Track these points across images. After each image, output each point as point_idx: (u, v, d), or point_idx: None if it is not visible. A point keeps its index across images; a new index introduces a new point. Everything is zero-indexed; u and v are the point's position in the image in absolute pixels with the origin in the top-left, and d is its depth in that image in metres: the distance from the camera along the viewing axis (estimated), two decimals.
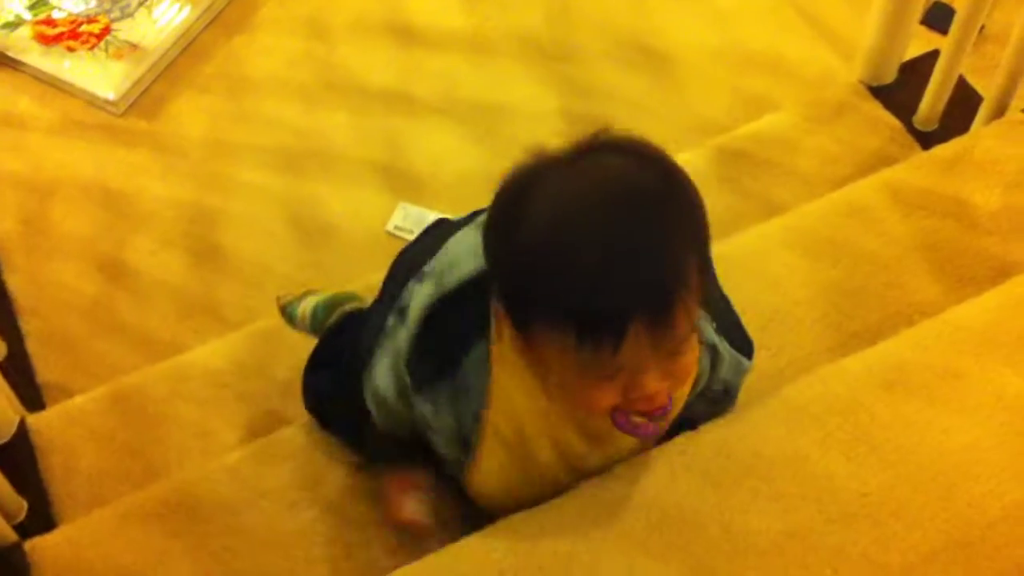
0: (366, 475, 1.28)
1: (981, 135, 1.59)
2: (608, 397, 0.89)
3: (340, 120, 2.03)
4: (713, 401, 1.12)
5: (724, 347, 1.05)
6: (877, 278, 1.44)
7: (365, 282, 1.48)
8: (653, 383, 0.87)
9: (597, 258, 0.81)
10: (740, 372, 1.10)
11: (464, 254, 1.00)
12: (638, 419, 0.92)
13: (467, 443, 1.04)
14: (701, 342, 0.98)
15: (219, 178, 1.96)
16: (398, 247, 1.86)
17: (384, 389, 1.09)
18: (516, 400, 0.99)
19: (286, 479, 1.29)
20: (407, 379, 1.03)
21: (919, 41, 1.87)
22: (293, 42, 2.15)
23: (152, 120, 2.03)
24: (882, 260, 1.45)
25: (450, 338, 1.00)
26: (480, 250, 0.93)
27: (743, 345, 1.10)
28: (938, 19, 2.03)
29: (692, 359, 0.92)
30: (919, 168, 1.55)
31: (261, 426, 1.49)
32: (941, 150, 1.58)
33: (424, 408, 1.03)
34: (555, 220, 0.83)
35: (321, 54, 2.13)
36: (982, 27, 2.00)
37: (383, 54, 2.13)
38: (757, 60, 2.12)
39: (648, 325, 0.82)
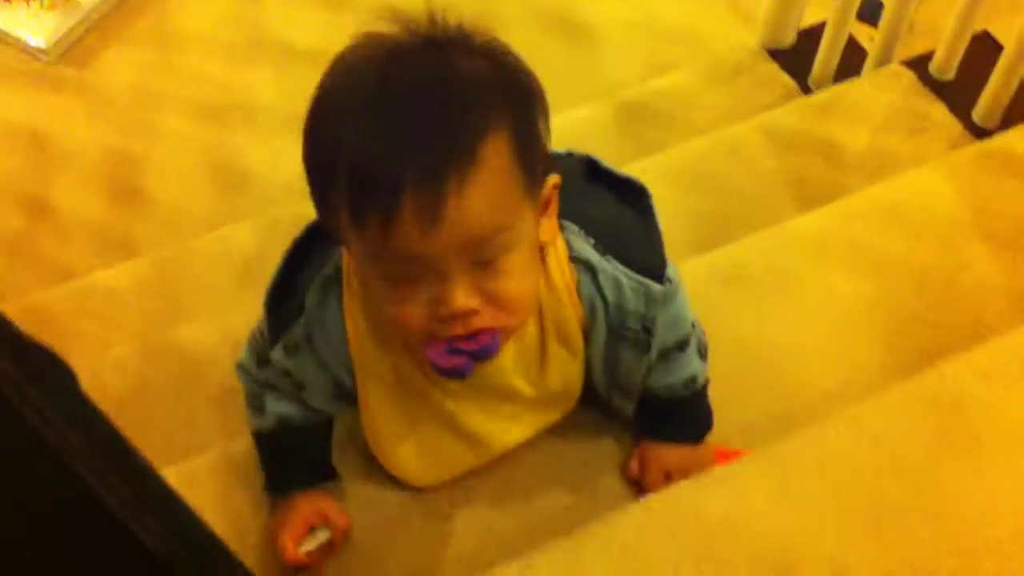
0: None
1: (856, 83, 1.68)
2: (414, 309, 0.80)
3: (265, 76, 2.11)
4: (642, 347, 0.96)
5: (611, 268, 0.92)
6: (746, 208, 1.52)
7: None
8: (460, 295, 0.78)
9: (372, 120, 0.75)
10: (652, 301, 0.93)
11: None
12: (455, 359, 0.82)
13: (348, 394, 0.98)
14: (573, 259, 0.91)
15: (144, 125, 2.03)
16: None
17: (244, 360, 1.03)
18: (371, 340, 0.93)
19: (170, 373, 1.36)
20: (264, 334, 0.98)
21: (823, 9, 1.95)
22: (224, 3, 2.22)
23: (82, 69, 2.10)
24: (752, 193, 1.53)
25: (303, 277, 0.95)
26: None
27: (647, 266, 0.94)
28: (870, 12, 2.09)
29: (518, 281, 0.81)
30: (794, 111, 1.64)
31: (160, 341, 1.55)
32: (817, 95, 1.67)
33: (287, 364, 0.95)
34: (340, 91, 0.80)
35: (251, 15, 2.20)
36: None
37: (311, 18, 2.20)
38: (671, 33, 2.21)
39: (419, 196, 0.74)
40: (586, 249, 0.92)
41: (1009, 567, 0.89)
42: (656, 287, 0.93)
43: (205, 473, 1.13)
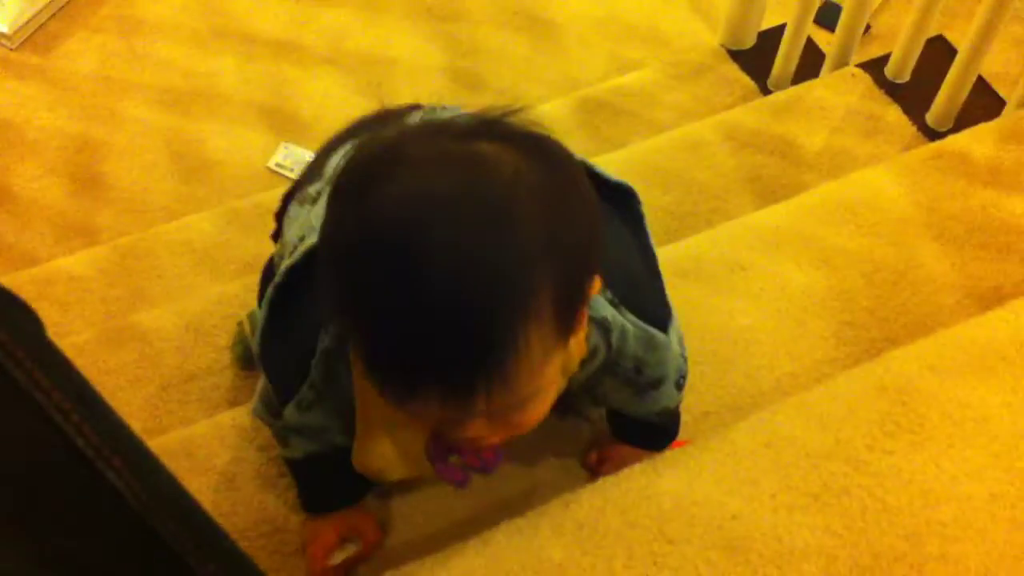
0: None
1: (814, 84, 1.71)
2: (423, 420, 0.78)
3: (228, 64, 2.11)
4: (627, 381, 0.94)
5: (622, 319, 0.90)
6: (705, 204, 1.54)
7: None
8: (474, 431, 0.75)
9: (403, 303, 0.67)
10: (653, 348, 0.92)
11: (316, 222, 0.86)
12: (454, 460, 0.84)
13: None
14: (590, 318, 0.86)
15: (106, 112, 2.02)
16: (278, 183, 1.96)
17: (259, 409, 1.00)
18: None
19: (130, 358, 1.36)
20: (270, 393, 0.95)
21: (783, 12, 1.98)
22: None
23: (45, 56, 2.09)
24: (711, 189, 1.56)
25: (299, 323, 0.89)
26: None
27: (655, 315, 0.93)
28: (828, 18, 2.12)
29: (539, 411, 0.78)
30: (754, 111, 1.67)
31: (120, 327, 1.55)
32: (776, 96, 1.70)
33: (302, 420, 0.93)
34: (385, 234, 0.68)
35: (215, 3, 2.20)
36: (868, 27, 2.13)
37: (275, 5, 2.21)
38: (635, 31, 2.24)
39: (444, 395, 0.69)
40: (603, 306, 0.88)
41: (953, 550, 0.92)
42: (660, 337, 0.92)
43: (161, 457, 1.13)
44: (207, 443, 1.11)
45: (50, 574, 0.45)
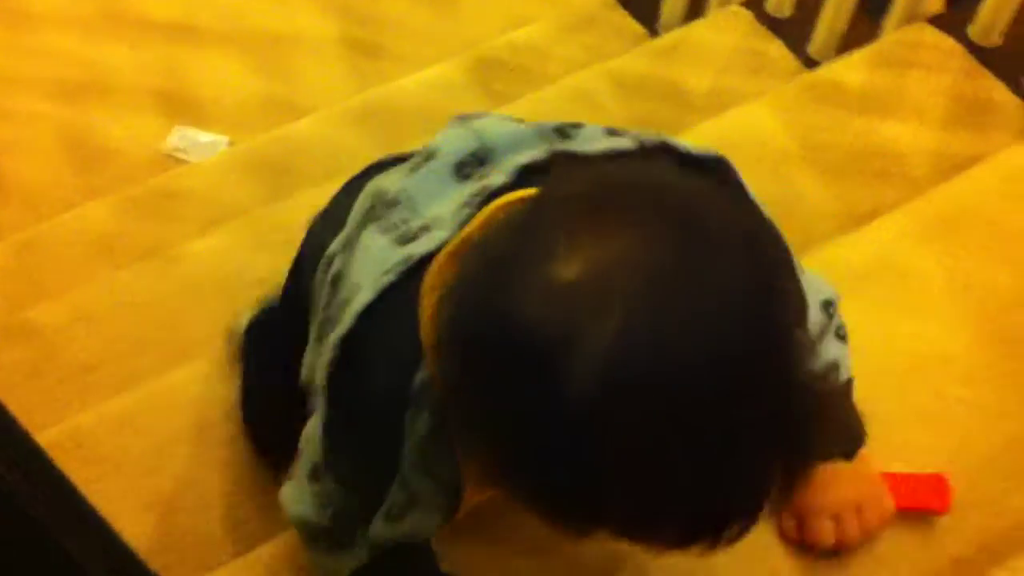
0: None
1: (696, 25, 1.72)
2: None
3: (121, 51, 2.08)
4: None
5: None
6: None
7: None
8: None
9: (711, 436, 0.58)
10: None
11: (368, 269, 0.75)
12: None
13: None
14: None
15: None
16: (175, 167, 1.94)
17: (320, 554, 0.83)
18: None
19: (25, 354, 1.35)
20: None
21: None
22: None
23: None
24: None
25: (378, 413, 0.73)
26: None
27: None
28: None
29: None
30: (640, 57, 1.68)
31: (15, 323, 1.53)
32: (660, 40, 1.71)
33: (394, 533, 0.77)
34: (647, 372, 0.57)
35: None
36: None
37: None
38: None
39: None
40: None
41: None
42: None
43: (52, 449, 1.12)
44: (93, 433, 1.10)
45: None
